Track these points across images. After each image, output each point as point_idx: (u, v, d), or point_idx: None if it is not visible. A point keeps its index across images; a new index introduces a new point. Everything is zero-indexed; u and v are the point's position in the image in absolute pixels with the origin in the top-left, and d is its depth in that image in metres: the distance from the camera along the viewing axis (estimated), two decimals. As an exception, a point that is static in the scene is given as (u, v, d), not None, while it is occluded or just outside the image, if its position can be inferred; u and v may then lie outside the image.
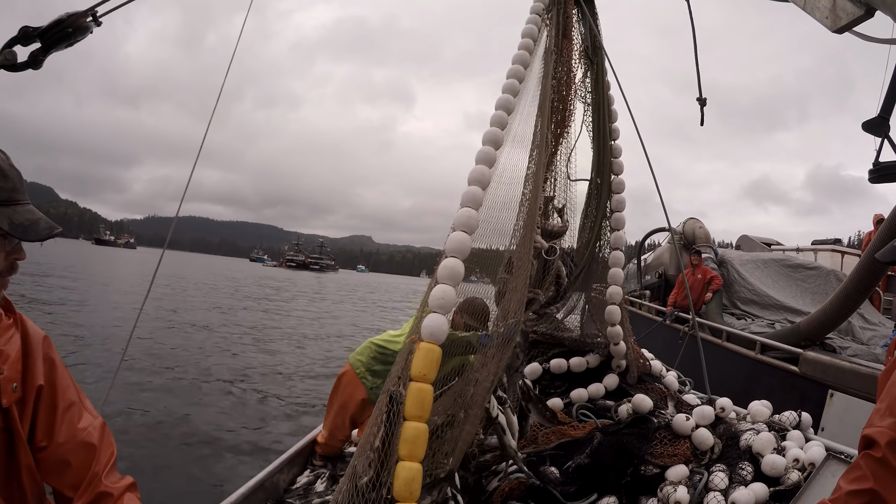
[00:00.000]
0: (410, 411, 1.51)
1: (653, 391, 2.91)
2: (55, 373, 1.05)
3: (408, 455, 1.48)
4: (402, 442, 1.49)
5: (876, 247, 4.48)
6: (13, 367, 0.96)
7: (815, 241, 9.99)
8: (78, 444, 1.02)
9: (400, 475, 1.46)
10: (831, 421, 4.51)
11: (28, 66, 1.60)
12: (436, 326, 1.55)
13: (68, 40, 1.67)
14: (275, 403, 8.15)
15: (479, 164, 1.84)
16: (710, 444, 2.39)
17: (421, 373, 1.52)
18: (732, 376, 5.54)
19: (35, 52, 1.60)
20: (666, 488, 2.14)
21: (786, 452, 2.29)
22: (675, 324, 6.99)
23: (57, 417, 1.01)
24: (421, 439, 1.50)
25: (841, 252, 8.65)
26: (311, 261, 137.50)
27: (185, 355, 10.65)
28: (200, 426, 6.81)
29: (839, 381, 4.54)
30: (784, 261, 7.75)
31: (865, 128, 4.00)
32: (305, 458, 3.32)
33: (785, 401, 5.18)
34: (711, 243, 8.18)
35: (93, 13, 1.72)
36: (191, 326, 14.29)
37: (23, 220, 0.96)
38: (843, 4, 1.68)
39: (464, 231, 1.71)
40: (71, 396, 1.05)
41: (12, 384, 0.95)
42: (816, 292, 7.08)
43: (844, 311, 4.89)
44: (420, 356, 1.53)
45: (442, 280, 1.63)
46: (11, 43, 1.56)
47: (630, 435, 2.38)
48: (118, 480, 1.05)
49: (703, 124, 3.73)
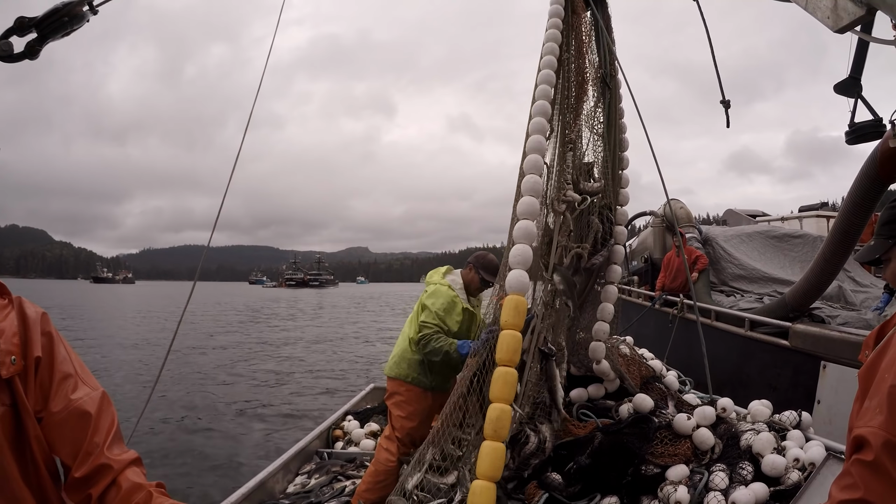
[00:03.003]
0: (501, 356, 1.78)
1: (653, 391, 2.89)
2: (53, 345, 1.04)
3: (498, 397, 1.71)
4: (493, 383, 1.74)
5: (847, 206, 4.40)
6: (10, 341, 0.96)
7: (803, 207, 9.95)
8: (72, 413, 1.00)
9: (490, 415, 1.69)
10: (827, 392, 4.43)
11: (25, 57, 1.56)
12: (520, 280, 1.92)
13: (65, 29, 1.64)
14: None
15: (533, 134, 2.23)
16: (710, 444, 2.39)
17: (509, 321, 1.82)
18: (724, 355, 5.46)
19: (31, 43, 1.57)
20: (666, 488, 2.15)
21: (786, 452, 2.30)
22: (665, 307, 6.92)
23: (53, 387, 1.00)
24: (510, 383, 1.73)
25: (826, 217, 8.60)
26: (310, 277, 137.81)
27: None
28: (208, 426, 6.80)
29: (831, 351, 4.46)
30: (769, 232, 7.67)
31: (837, 90, 3.95)
32: (302, 460, 3.42)
33: (779, 376, 5.13)
34: (695, 222, 8.11)
35: (88, 2, 1.69)
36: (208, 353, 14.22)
37: None
38: (845, 4, 1.66)
39: (531, 195, 2.09)
40: (67, 368, 1.04)
41: (10, 356, 0.94)
42: (804, 260, 6.99)
43: (826, 275, 4.79)
44: (508, 307, 1.84)
45: (518, 240, 2.01)
46: (7, 33, 1.52)
47: (631, 434, 2.38)
48: (121, 453, 1.02)
49: (729, 126, 3.72)
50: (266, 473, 2.95)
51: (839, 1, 1.73)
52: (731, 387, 4.85)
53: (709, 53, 3.41)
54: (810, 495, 1.97)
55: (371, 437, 3.80)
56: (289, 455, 3.27)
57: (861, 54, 3.84)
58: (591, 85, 2.85)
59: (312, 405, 8.29)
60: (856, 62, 3.86)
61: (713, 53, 3.43)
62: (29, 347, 0.99)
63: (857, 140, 3.93)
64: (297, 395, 8.91)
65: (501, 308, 1.91)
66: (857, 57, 3.83)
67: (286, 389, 9.28)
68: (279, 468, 3.11)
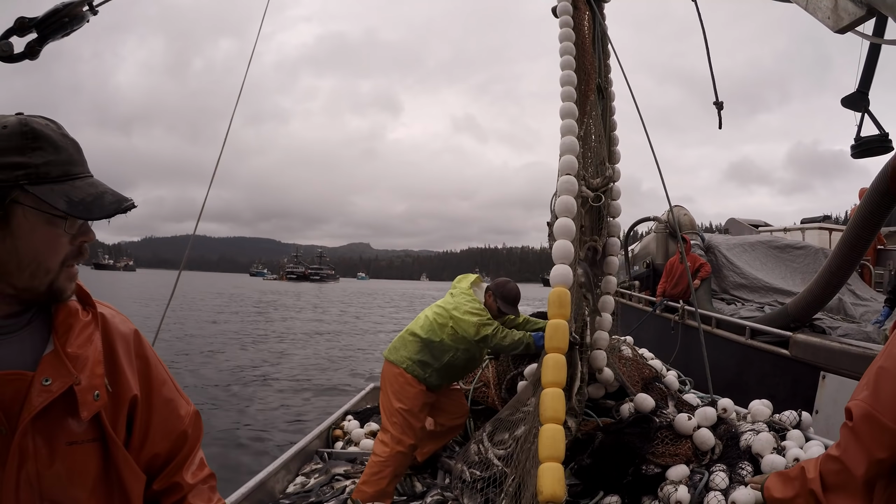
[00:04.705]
0: (551, 344, 1.91)
1: (653, 390, 2.92)
2: (150, 370, 0.96)
3: (551, 381, 1.82)
4: (543, 368, 1.86)
5: (856, 220, 4.41)
6: (93, 373, 0.85)
7: (805, 220, 9.95)
8: (169, 436, 0.97)
9: (545, 401, 1.77)
10: (825, 403, 4.44)
11: (25, 57, 1.56)
12: (563, 274, 2.09)
13: (65, 30, 1.63)
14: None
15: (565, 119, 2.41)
16: (711, 445, 2.41)
17: (557, 311, 1.97)
18: (724, 363, 5.47)
19: (32, 43, 1.57)
20: (666, 487, 2.17)
21: (786, 452, 2.32)
22: (666, 313, 6.93)
23: (153, 419, 0.95)
24: (562, 369, 1.85)
25: (829, 229, 8.60)
26: (310, 272, 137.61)
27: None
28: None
29: (830, 362, 4.47)
30: (771, 242, 7.67)
31: (845, 103, 3.95)
32: (302, 460, 3.43)
33: (778, 385, 5.14)
34: (697, 230, 8.12)
35: (88, 2, 1.69)
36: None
37: (84, 195, 0.82)
38: (845, 5, 1.67)
39: (568, 189, 2.25)
40: (167, 393, 0.99)
41: (93, 392, 0.84)
42: (806, 272, 7.00)
43: (830, 288, 4.81)
44: (553, 301, 2.00)
45: (559, 236, 2.16)
46: (8, 34, 1.53)
47: (632, 434, 2.41)
48: (198, 472, 1.01)
49: (721, 127, 3.76)
50: (266, 473, 2.94)
51: (839, 1, 1.74)
52: (731, 394, 4.81)
53: (713, 60, 3.44)
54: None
55: (371, 436, 3.78)
56: (289, 455, 3.26)
57: (869, 68, 3.84)
58: (593, 85, 2.90)
59: (312, 405, 8.30)
60: (864, 76, 3.87)
61: (708, 51, 3.44)
62: (118, 379, 0.91)
63: (863, 154, 3.94)
64: (297, 395, 8.91)
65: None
66: (866, 71, 3.84)
67: (286, 389, 9.28)
68: (279, 468, 3.10)
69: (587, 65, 2.85)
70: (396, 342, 3.09)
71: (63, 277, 0.85)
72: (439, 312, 3.02)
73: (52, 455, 0.81)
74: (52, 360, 0.83)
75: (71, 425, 0.83)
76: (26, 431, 0.79)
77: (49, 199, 0.79)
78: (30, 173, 0.79)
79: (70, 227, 0.84)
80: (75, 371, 0.83)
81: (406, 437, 2.86)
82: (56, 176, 0.81)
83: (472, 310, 2.93)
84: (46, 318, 0.87)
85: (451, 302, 3.02)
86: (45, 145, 0.81)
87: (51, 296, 0.85)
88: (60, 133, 0.84)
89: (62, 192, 0.81)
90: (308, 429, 4.31)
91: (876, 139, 3.85)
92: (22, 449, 0.78)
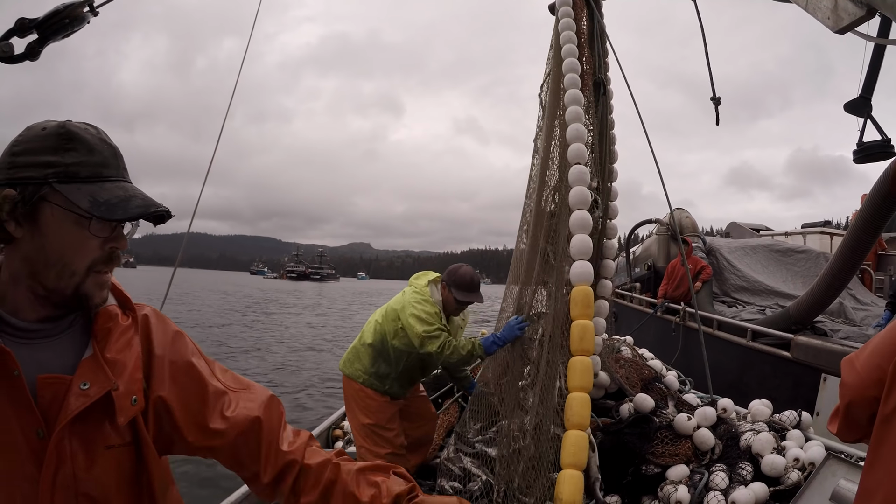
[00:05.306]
0: (579, 346, 1.85)
1: (653, 390, 2.90)
2: (192, 372, 0.95)
3: (578, 387, 1.80)
4: (571, 372, 1.82)
5: (857, 223, 4.43)
6: (131, 378, 0.85)
7: (806, 224, 9.95)
8: (237, 427, 0.94)
9: (572, 405, 1.76)
10: (826, 405, 4.45)
11: (25, 58, 1.56)
12: (583, 271, 2.01)
13: (65, 31, 1.64)
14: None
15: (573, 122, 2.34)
16: (711, 445, 2.40)
17: (580, 312, 1.91)
18: (725, 364, 5.48)
19: (32, 44, 1.57)
20: (666, 487, 2.16)
21: (786, 452, 2.31)
22: (666, 315, 6.93)
23: (208, 413, 0.93)
24: (587, 371, 1.80)
25: (830, 234, 8.60)
26: (311, 271, 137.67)
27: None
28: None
29: (832, 364, 4.48)
30: (773, 246, 7.68)
31: (848, 109, 3.96)
32: None
33: (779, 387, 5.15)
34: (699, 232, 8.12)
35: (89, 3, 1.69)
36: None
37: (110, 196, 0.81)
38: (845, 5, 1.68)
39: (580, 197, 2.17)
40: (217, 388, 0.96)
41: (131, 397, 0.84)
42: (807, 275, 7.01)
43: (832, 291, 4.83)
44: (576, 300, 1.93)
45: (576, 230, 2.10)
46: (8, 35, 1.53)
47: (631, 434, 2.40)
48: (295, 440, 0.99)
49: (719, 123, 3.75)
50: None
51: (839, 1, 1.75)
52: (731, 396, 4.84)
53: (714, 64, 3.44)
54: (810, 495, 1.97)
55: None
56: None
57: (873, 74, 3.86)
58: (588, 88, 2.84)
59: (312, 405, 8.30)
60: (867, 81, 3.89)
61: (705, 45, 3.43)
62: (156, 384, 0.90)
63: (865, 159, 3.95)
64: (297, 395, 8.91)
65: (534, 298, 2.02)
66: (869, 76, 3.86)
67: (286, 389, 9.28)
68: None
69: (582, 62, 2.79)
70: (350, 353, 2.90)
71: (90, 282, 0.84)
72: (387, 314, 2.78)
73: (88, 458, 0.82)
74: (91, 364, 0.83)
75: (108, 429, 0.84)
76: (63, 435, 0.79)
77: (73, 198, 0.79)
78: (59, 172, 0.80)
79: (98, 229, 0.82)
80: (113, 376, 0.83)
81: (381, 449, 2.70)
82: (85, 176, 0.81)
83: (419, 314, 2.61)
84: (86, 322, 0.87)
85: (401, 301, 2.74)
86: (78, 146, 0.82)
87: (78, 300, 0.83)
88: (99, 137, 0.85)
89: (88, 191, 0.81)
90: (308, 429, 4.31)
91: (878, 144, 3.87)
92: (59, 452, 0.79)
